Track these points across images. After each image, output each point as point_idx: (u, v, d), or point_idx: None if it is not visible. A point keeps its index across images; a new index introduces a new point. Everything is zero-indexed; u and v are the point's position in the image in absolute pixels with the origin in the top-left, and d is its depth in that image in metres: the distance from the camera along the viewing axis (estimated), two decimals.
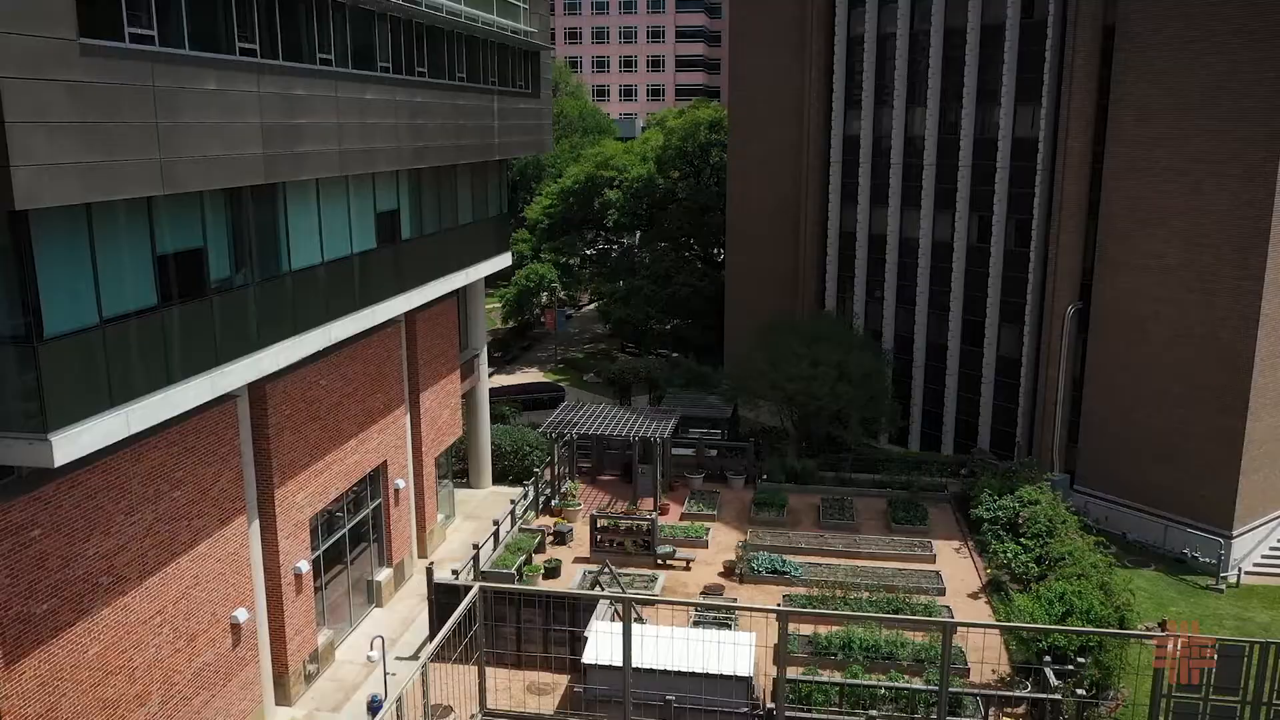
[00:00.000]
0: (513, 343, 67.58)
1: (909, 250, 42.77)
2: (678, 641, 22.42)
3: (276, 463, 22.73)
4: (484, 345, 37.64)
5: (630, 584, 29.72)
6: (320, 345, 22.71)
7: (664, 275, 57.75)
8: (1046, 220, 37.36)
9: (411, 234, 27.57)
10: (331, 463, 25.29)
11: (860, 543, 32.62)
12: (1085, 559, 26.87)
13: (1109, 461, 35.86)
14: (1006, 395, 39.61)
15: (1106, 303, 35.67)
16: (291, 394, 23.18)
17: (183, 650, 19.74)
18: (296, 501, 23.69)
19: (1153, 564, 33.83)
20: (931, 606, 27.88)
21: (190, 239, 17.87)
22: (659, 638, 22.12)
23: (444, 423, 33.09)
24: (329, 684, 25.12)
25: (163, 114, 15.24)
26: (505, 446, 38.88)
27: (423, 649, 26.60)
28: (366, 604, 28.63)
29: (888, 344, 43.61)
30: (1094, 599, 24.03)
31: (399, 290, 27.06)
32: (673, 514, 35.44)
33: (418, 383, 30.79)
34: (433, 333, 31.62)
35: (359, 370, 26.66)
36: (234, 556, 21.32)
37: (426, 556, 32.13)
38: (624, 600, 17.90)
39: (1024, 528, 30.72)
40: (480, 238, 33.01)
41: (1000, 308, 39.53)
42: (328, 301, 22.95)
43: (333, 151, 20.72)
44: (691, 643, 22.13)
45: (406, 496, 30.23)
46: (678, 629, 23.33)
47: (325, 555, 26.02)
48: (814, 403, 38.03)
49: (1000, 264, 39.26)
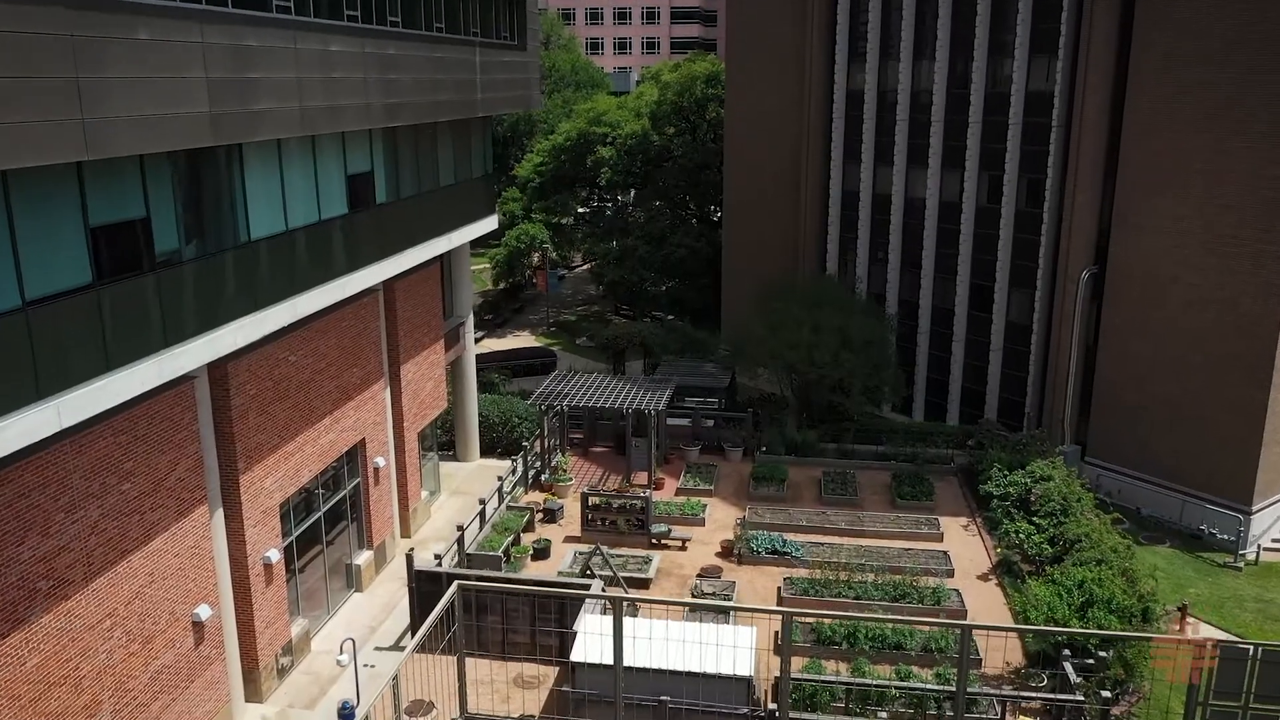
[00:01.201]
0: (504, 305, 65.80)
1: (915, 211, 40.91)
2: (673, 637, 21.05)
3: (241, 447, 21.12)
4: (470, 313, 35.90)
5: (623, 566, 28.29)
6: (286, 321, 20.99)
7: (659, 236, 55.86)
8: (1061, 180, 35.51)
9: (387, 198, 25.73)
10: (303, 444, 23.69)
11: (864, 520, 31.18)
12: (1105, 542, 25.42)
13: (1122, 433, 34.38)
14: (1016, 363, 38.01)
15: (1123, 267, 33.96)
16: (257, 372, 21.51)
17: (138, 654, 18.25)
18: (265, 487, 22.11)
19: (1168, 540, 32.49)
20: (940, 591, 26.51)
21: (130, 209, 16.08)
22: (652, 636, 20.72)
23: (427, 395, 31.46)
24: (304, 677, 23.73)
25: (85, 69, 13.39)
26: (493, 418, 37.31)
27: (402, 639, 25.20)
28: (346, 589, 27.20)
29: (891, 309, 41.92)
30: (1115, 587, 22.60)
31: (375, 258, 25.28)
32: (668, 489, 33.97)
33: (398, 354, 29.12)
34: (414, 301, 29.88)
35: (333, 344, 24.97)
36: (195, 550, 19.78)
37: (410, 536, 30.70)
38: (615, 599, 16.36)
39: (1036, 505, 29.25)
40: (464, 200, 31.14)
41: (1010, 271, 37.79)
42: (294, 273, 21.19)
43: (292, 110, 18.83)
44: (688, 639, 20.75)
45: (387, 475, 28.68)
46: (672, 622, 21.91)
47: (299, 541, 24.51)
48: (815, 371, 36.43)
49: (1011, 226, 37.46)
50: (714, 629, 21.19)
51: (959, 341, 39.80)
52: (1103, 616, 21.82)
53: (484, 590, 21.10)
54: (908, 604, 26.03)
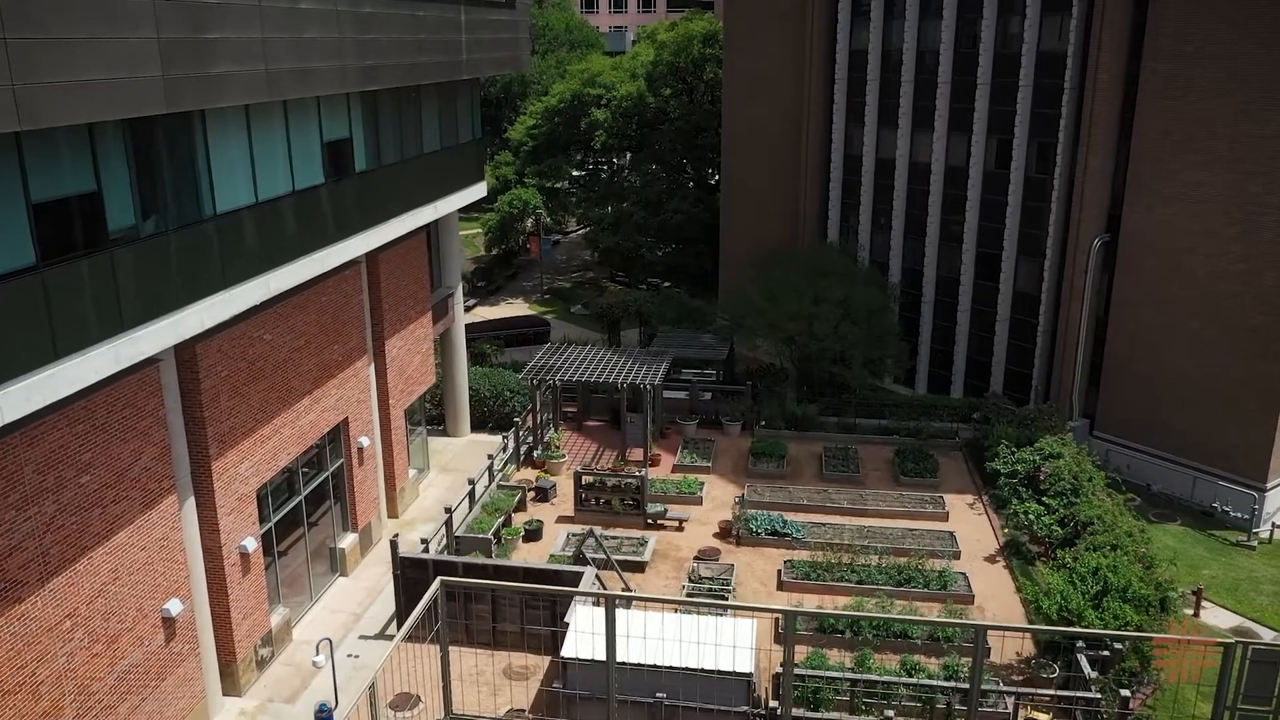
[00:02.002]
0: (497, 271, 64.41)
1: (919, 176, 39.52)
2: (669, 630, 20.07)
3: (213, 432, 19.97)
4: (459, 283, 34.62)
5: (618, 548, 27.31)
6: (258, 299, 19.76)
7: (655, 201, 54.37)
8: (1073, 144, 34.12)
9: (368, 165, 24.38)
10: (281, 426, 22.55)
11: (867, 498, 30.19)
12: (1119, 525, 24.41)
13: (1133, 407, 33.32)
14: (1023, 334, 36.84)
15: (1136, 236, 32.69)
16: (228, 353, 20.31)
17: (102, 655, 17.23)
18: (239, 473, 21.00)
19: (1179, 518, 31.54)
20: (947, 575, 25.55)
21: (79, 182, 14.78)
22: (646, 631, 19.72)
23: (414, 371, 30.29)
24: (285, 669, 22.77)
25: (12, 27, 12.04)
26: (484, 391, 36.17)
27: (388, 627, 24.24)
28: (329, 573, 26.19)
29: (894, 278, 40.66)
30: (1131, 574, 21.61)
31: (355, 229, 23.98)
32: (664, 465, 32.94)
33: (382, 329, 27.90)
34: (399, 273, 28.62)
35: (312, 320, 23.75)
36: (163, 542, 18.69)
37: (398, 516, 29.69)
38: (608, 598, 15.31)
39: (1045, 484, 28.25)
40: (450, 167, 29.75)
41: (1019, 239, 36.49)
42: (265, 248, 19.91)
43: (258, 73, 17.45)
44: (685, 633, 19.77)
45: (372, 454, 27.59)
46: (668, 615, 20.91)
47: (279, 526, 23.46)
48: (815, 344, 35.27)
49: (1020, 192, 36.10)
50: (712, 623, 20.19)
51: (964, 312, 38.60)
52: (1118, 606, 20.85)
53: (471, 575, 20.04)
54: (913, 588, 25.12)
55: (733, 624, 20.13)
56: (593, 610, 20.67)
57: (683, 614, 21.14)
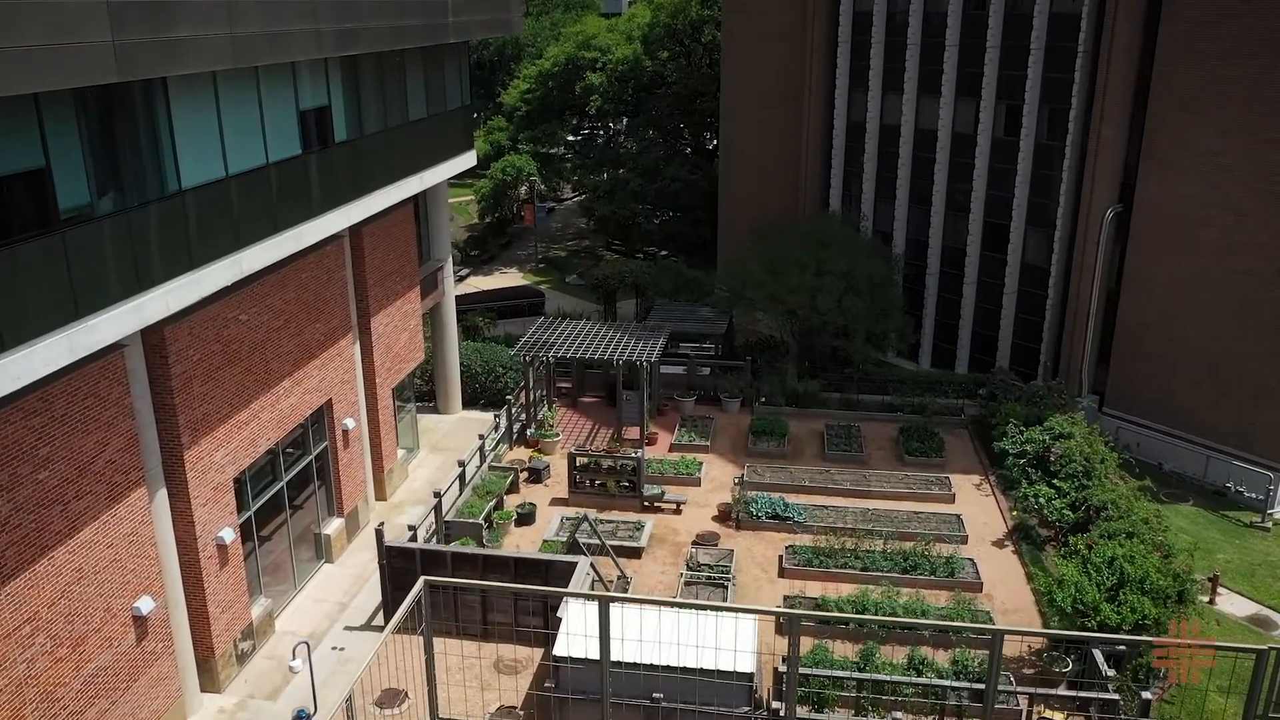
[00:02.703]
0: (490, 240, 63.12)
1: (925, 143, 38.20)
2: (666, 627, 19.15)
3: (184, 420, 18.92)
4: (449, 256, 33.44)
5: (614, 532, 26.38)
6: (228, 279, 18.63)
7: (651, 168, 52.98)
8: (1086, 110, 32.82)
9: (348, 135, 23.13)
10: (259, 410, 21.49)
11: (870, 479, 29.23)
12: (1135, 511, 23.45)
13: (1144, 383, 32.30)
14: (1031, 308, 35.74)
15: (1151, 206, 31.49)
16: (200, 336, 19.21)
17: (66, 659, 16.28)
18: (214, 461, 19.97)
19: (1191, 498, 30.62)
20: (955, 561, 24.66)
21: (23, 158, 13.60)
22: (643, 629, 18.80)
23: (402, 348, 29.20)
24: (267, 662, 21.89)
25: None
26: (476, 367, 35.10)
27: (374, 616, 23.32)
28: (315, 560, 25.28)
29: (898, 249, 39.45)
30: (1149, 565, 20.67)
31: (336, 203, 22.80)
32: (661, 444, 31.95)
33: (367, 306, 26.77)
34: (384, 247, 27.44)
35: (291, 298, 22.62)
36: (132, 537, 17.70)
37: (386, 499, 28.74)
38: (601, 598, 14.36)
39: (1055, 466, 27.28)
40: (438, 135, 28.48)
41: (1028, 209, 35.28)
42: (237, 225, 18.74)
43: (221, 38, 16.20)
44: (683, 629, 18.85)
45: (358, 436, 26.56)
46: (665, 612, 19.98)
47: (259, 514, 22.48)
48: (818, 318, 34.16)
49: (1030, 160, 34.83)
50: (712, 620, 19.22)
51: (970, 284, 37.47)
52: (1135, 599, 19.93)
53: (458, 570, 19.06)
54: (919, 575, 24.24)
55: (734, 622, 19.17)
56: (585, 606, 19.73)
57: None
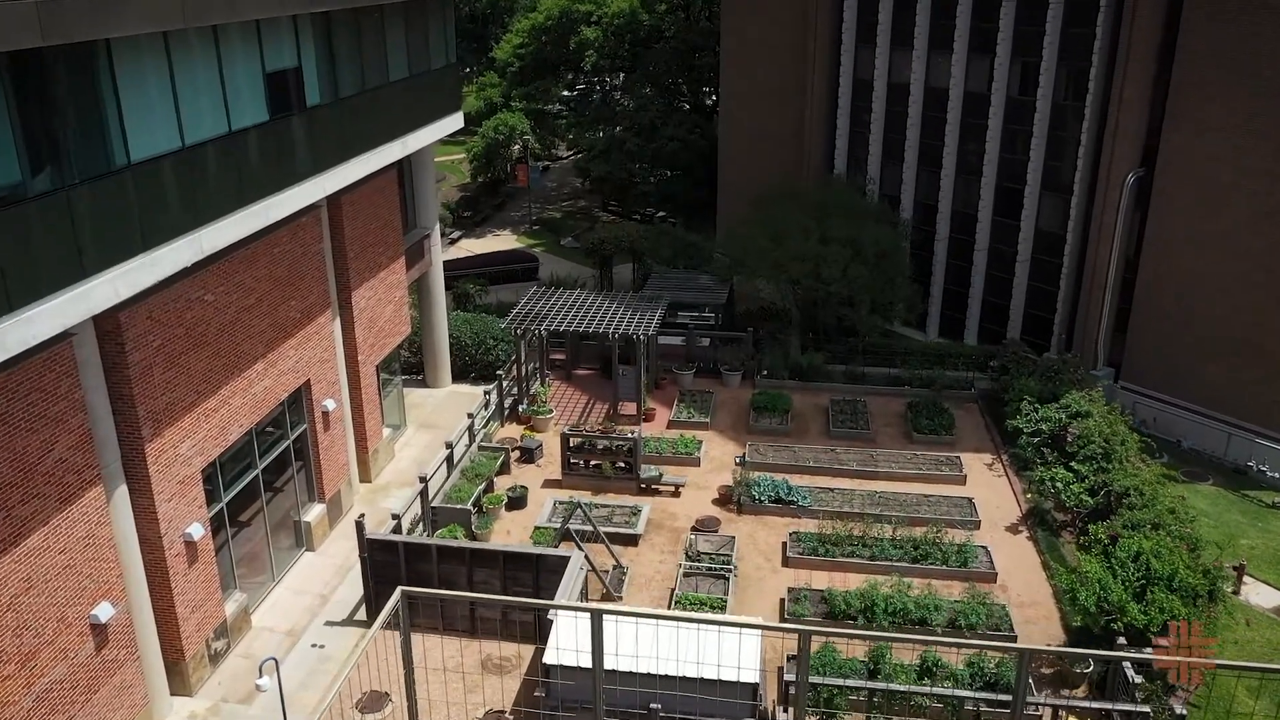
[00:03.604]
0: (483, 200, 61.25)
1: (936, 103, 36.42)
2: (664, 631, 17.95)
3: (145, 410, 17.53)
4: (436, 223, 31.84)
5: (609, 517, 25.18)
6: (188, 260, 17.12)
7: (649, 127, 51.06)
8: (1108, 68, 31.05)
9: (322, 99, 21.47)
10: (230, 396, 20.09)
11: (878, 459, 27.98)
12: (1160, 499, 22.17)
13: (1163, 356, 30.91)
14: (1045, 276, 34.23)
15: (1175, 170, 29.88)
16: (161, 320, 17.75)
17: (14, 677, 15.04)
18: (180, 453, 18.61)
19: (1210, 477, 29.36)
20: (967, 549, 23.47)
21: None
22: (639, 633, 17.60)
23: (386, 322, 27.74)
24: (242, 662, 20.69)
25: None
26: (465, 339, 33.63)
27: (356, 611, 22.10)
28: (295, 548, 24.02)
29: (906, 213, 37.82)
30: (1179, 561, 19.44)
31: (308, 173, 21.21)
32: (659, 420, 30.65)
33: (348, 280, 25.26)
34: (365, 217, 25.87)
35: (263, 274, 21.12)
36: (88, 541, 16.39)
37: (371, 481, 27.45)
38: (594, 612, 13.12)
39: (1072, 446, 26.00)
40: (421, 97, 26.79)
41: (1044, 173, 33.63)
42: (195, 201, 17.20)
43: None
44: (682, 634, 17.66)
45: (340, 417, 25.18)
46: (664, 615, 18.79)
47: (233, 504, 21.16)
48: (822, 288, 32.67)
49: (1047, 121, 33.11)
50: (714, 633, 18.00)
51: (981, 251, 35.92)
52: (1164, 598, 18.73)
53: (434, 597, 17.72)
54: (930, 565, 23.07)
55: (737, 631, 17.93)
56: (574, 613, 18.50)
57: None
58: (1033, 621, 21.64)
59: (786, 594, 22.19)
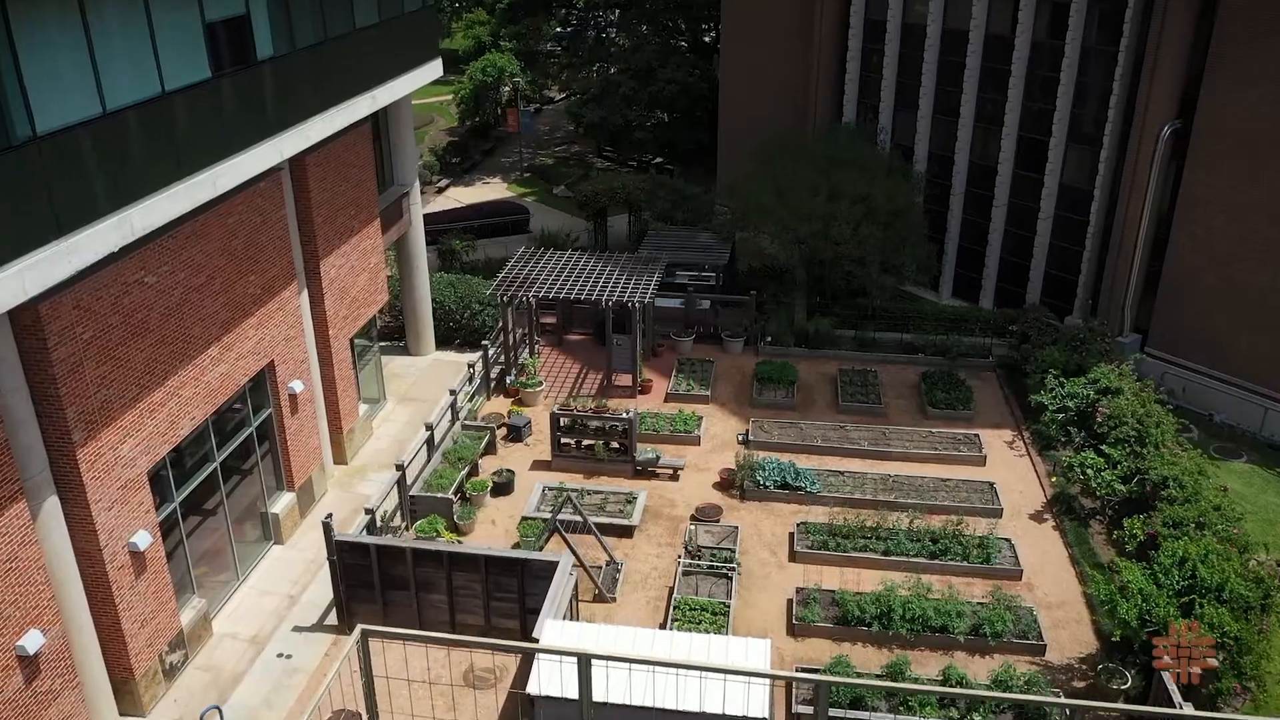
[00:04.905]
0: (473, 145, 58.47)
1: (954, 46, 33.79)
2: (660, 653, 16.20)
3: (74, 412, 15.53)
4: (415, 180, 29.50)
5: (602, 505, 23.35)
6: (115, 244, 14.96)
7: (645, 69, 48.25)
8: (1145, 8, 28.47)
9: (275, 51, 19.08)
10: (179, 387, 18.07)
11: (891, 437, 26.08)
12: (1205, 495, 20.27)
13: (1195, 323, 28.84)
14: (1069, 235, 31.97)
15: (1216, 122, 27.47)
16: (92, 309, 15.67)
17: None
18: (121, 455, 16.65)
19: (1245, 454, 27.48)
20: (989, 542, 21.65)
21: None
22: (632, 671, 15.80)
23: (360, 291, 25.61)
24: (201, 674, 18.98)
25: None
26: (449, 303, 31.50)
27: (328, 615, 20.30)
28: (262, 541, 22.22)
29: (919, 165, 35.39)
30: (1230, 569, 17.61)
31: (262, 135, 18.94)
32: (656, 392, 28.68)
33: (315, 248, 23.09)
34: (334, 177, 23.60)
35: (215, 249, 18.96)
36: (9, 565, 14.51)
37: (347, 462, 25.58)
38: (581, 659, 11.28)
39: (1102, 427, 24.09)
40: (393, 44, 24.33)
41: (1070, 124, 31.18)
42: (123, 175, 14.98)
43: None
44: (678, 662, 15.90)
45: (309, 399, 23.18)
46: (659, 634, 17.00)
47: (189, 502, 19.27)
48: (831, 248, 30.47)
49: (1075, 66, 30.55)
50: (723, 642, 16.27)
51: (1000, 207, 33.59)
52: (1214, 612, 16.93)
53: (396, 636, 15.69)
54: (950, 561, 21.29)
55: (745, 645, 16.18)
56: (564, 627, 16.73)
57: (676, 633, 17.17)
58: (1062, 625, 19.93)
59: (795, 594, 20.42)
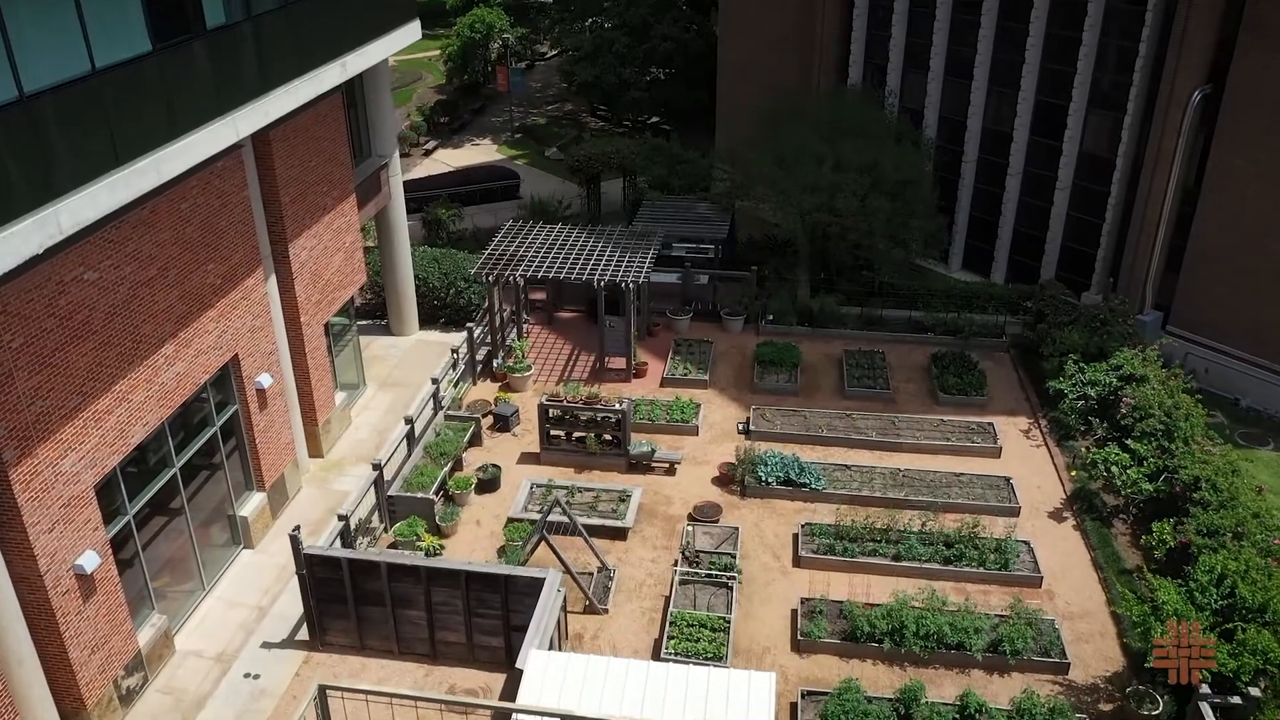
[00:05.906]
0: (462, 104, 56.39)
1: (968, 4, 31.84)
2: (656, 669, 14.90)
3: (5, 428, 14.01)
4: (395, 150, 27.70)
5: (594, 505, 21.90)
6: (38, 246, 13.29)
7: (639, 25, 46.08)
8: None
9: (228, 18, 17.26)
10: (128, 391, 16.51)
11: (900, 427, 24.61)
12: (1241, 496, 18.82)
13: (1222, 301, 27.28)
14: (1088, 206, 30.26)
15: (1249, 88, 25.69)
16: (21, 313, 14.08)
17: None
18: (62, 471, 15.14)
19: (1272, 441, 26.08)
20: (1007, 545, 20.24)
21: None
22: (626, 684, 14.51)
23: (335, 273, 23.95)
24: (162, 698, 17.64)
25: None
26: (433, 280, 29.83)
27: (298, 629, 18.91)
28: (230, 545, 20.80)
29: (929, 130, 33.57)
30: (1275, 586, 16.22)
31: (215, 113, 17.16)
32: (651, 376, 27.17)
33: (283, 230, 21.39)
34: (303, 152, 21.84)
35: (167, 239, 17.30)
36: None
37: (323, 456, 24.12)
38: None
39: (1127, 419, 22.64)
40: (364, 6, 22.43)
41: (1092, 87, 29.32)
42: (45, 167, 13.27)
43: None
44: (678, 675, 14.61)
45: (279, 392, 21.61)
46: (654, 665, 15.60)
47: (145, 511, 17.80)
48: (837, 222, 28.77)
49: (1099, 26, 28.63)
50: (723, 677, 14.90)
51: (1015, 175, 31.83)
52: (1257, 637, 15.58)
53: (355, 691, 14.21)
54: (966, 567, 19.92)
55: (747, 678, 14.82)
56: (549, 658, 15.33)
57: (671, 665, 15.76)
58: (1085, 639, 18.59)
59: (800, 605, 19.06)
